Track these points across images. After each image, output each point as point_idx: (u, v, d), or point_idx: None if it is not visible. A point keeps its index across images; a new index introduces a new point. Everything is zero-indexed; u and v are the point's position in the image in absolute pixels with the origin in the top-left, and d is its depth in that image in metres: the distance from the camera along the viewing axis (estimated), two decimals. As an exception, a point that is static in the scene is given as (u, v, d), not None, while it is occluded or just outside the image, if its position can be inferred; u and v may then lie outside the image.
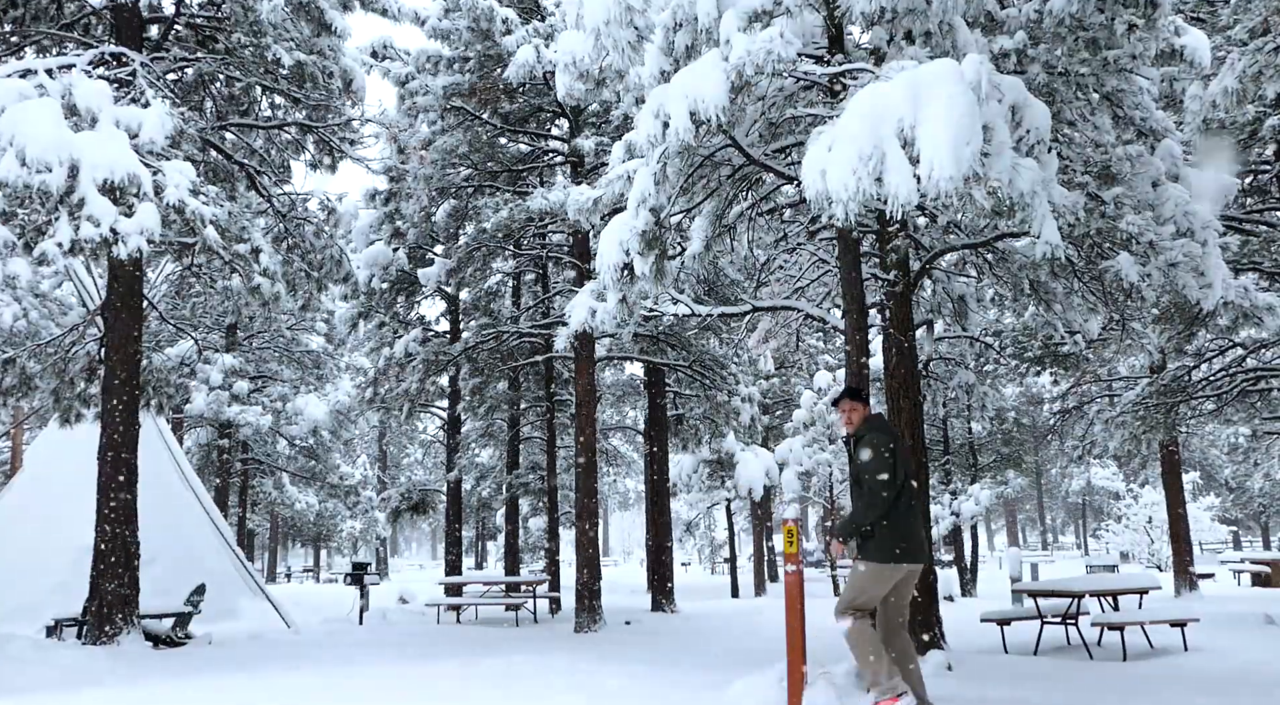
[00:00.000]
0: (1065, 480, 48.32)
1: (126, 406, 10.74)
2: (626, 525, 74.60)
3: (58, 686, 7.80)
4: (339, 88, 12.30)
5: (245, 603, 14.43)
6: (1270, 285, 12.71)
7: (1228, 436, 34.47)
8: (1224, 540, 45.57)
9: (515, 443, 19.47)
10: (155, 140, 9.17)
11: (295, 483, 30.82)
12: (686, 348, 16.69)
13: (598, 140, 13.93)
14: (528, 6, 15.36)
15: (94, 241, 8.49)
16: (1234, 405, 15.23)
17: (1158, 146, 7.92)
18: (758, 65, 5.76)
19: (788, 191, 8.77)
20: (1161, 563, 32.40)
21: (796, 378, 27.10)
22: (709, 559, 43.71)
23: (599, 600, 13.50)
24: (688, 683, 7.35)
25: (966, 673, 7.87)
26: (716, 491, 22.92)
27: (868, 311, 8.60)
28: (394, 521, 21.04)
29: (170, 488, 14.63)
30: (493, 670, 8.24)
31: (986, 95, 5.21)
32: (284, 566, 46.80)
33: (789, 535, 6.00)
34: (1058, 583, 10.71)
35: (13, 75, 9.22)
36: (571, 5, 7.53)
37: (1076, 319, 9.68)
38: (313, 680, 7.76)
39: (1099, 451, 19.80)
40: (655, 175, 6.59)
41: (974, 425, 25.02)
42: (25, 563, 13.24)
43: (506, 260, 18.52)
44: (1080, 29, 6.59)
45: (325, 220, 13.28)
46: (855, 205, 5.21)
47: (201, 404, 24.32)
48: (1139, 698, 6.98)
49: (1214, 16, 11.72)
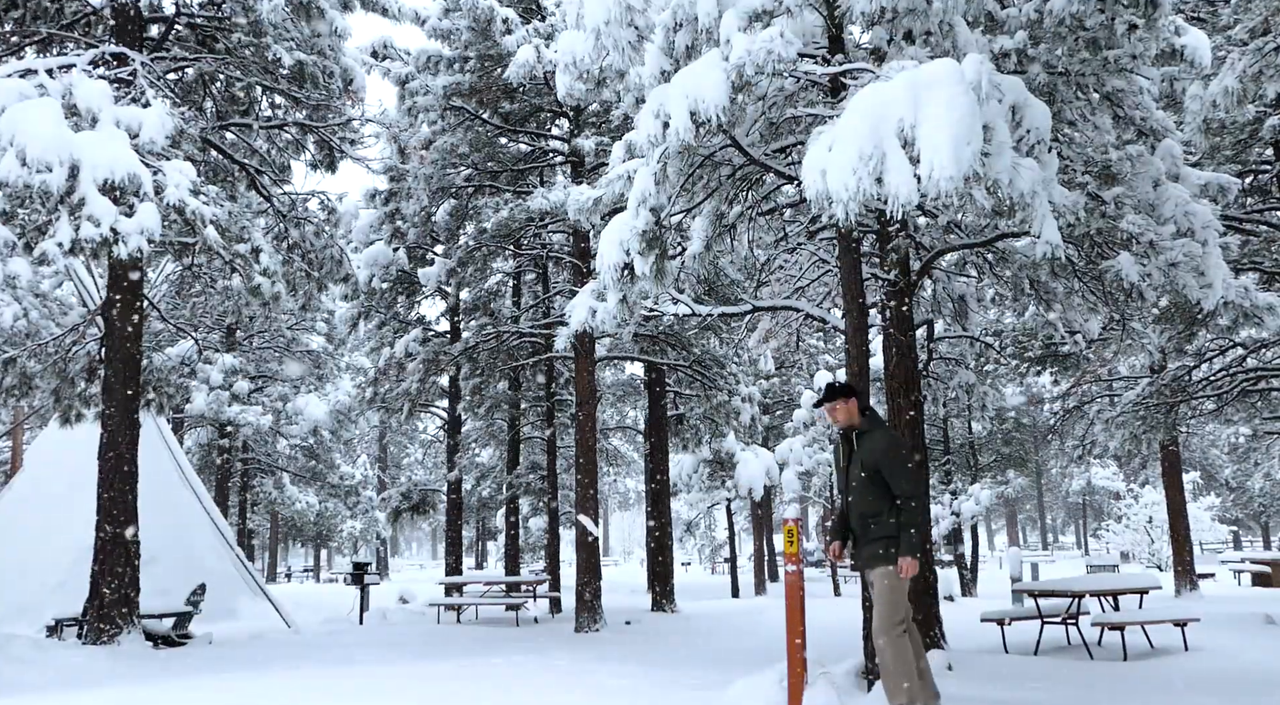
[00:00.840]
0: (1065, 480, 48.33)
1: (126, 406, 10.74)
2: (626, 525, 74.60)
3: (58, 686, 7.80)
4: (339, 88, 12.30)
5: (245, 603, 14.44)
6: (1270, 285, 12.71)
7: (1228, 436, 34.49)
8: (1224, 540, 45.57)
9: (515, 443, 19.47)
10: (155, 140, 9.17)
11: (295, 483, 30.82)
12: (687, 348, 16.69)
13: (598, 140, 13.93)
14: (528, 6, 15.35)
15: (94, 241, 8.49)
16: (1234, 405, 15.23)
17: (1158, 146, 7.91)
18: (758, 65, 5.76)
19: (788, 191, 8.77)
20: (1162, 563, 32.40)
21: (796, 378, 27.09)
22: (709, 559, 43.73)
23: (599, 600, 13.49)
24: (688, 682, 7.36)
25: (967, 673, 7.87)
26: (716, 491, 22.91)
27: (868, 311, 8.59)
28: (394, 521, 21.03)
29: (170, 488, 14.63)
30: (493, 670, 8.24)
31: (987, 95, 5.21)
32: (284, 566, 46.82)
33: (789, 535, 6.00)
34: (1058, 583, 10.71)
35: (13, 75, 9.22)
36: (571, 5, 7.54)
37: (1077, 319, 9.68)
38: (313, 680, 7.76)
39: (1099, 451, 19.80)
40: (655, 175, 6.58)
41: (974, 425, 25.03)
42: (25, 563, 13.24)
43: (507, 260, 18.52)
44: (1081, 29, 6.58)
45: (325, 220, 13.29)
46: (856, 205, 5.21)
47: (201, 404, 24.32)
48: (1139, 698, 6.98)
49: (1214, 16, 11.73)
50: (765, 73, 5.82)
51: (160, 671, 8.67)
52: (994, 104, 5.31)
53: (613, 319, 7.24)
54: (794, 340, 12.13)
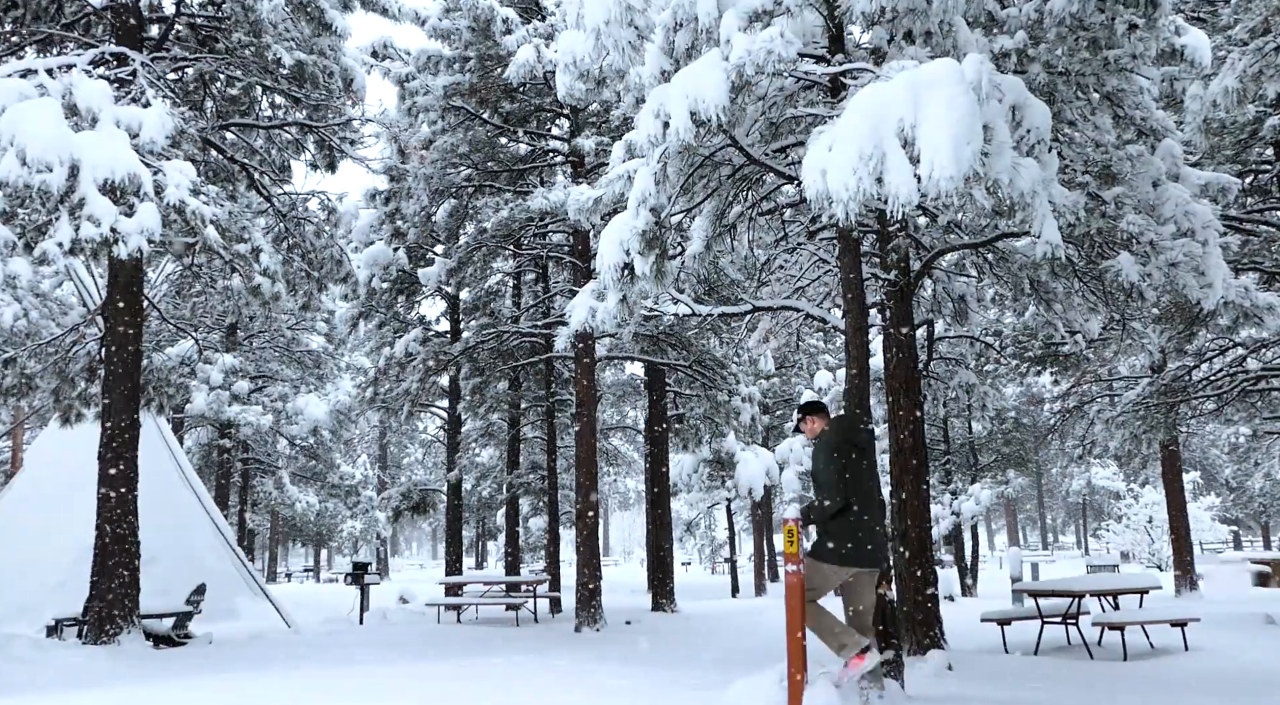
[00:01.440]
0: (1066, 480, 48.32)
1: (127, 406, 10.74)
2: (626, 525, 74.60)
3: (58, 686, 7.80)
4: (339, 87, 12.30)
5: (245, 602, 14.44)
6: (1270, 285, 12.70)
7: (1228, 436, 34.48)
8: (1224, 540, 45.56)
9: (515, 443, 19.46)
10: (155, 140, 9.17)
11: (295, 482, 30.81)
12: (687, 348, 16.69)
13: (598, 140, 13.93)
14: (528, 6, 15.36)
15: (94, 241, 8.49)
16: (1234, 405, 15.22)
17: (1158, 146, 7.91)
18: (758, 65, 5.75)
19: (788, 191, 8.77)
20: (1162, 562, 32.41)
21: (796, 378, 27.10)
22: (709, 559, 43.73)
23: (599, 600, 13.50)
24: (688, 682, 7.35)
25: (967, 672, 7.87)
26: (717, 491, 22.93)
27: (868, 311, 8.59)
28: (394, 521, 21.04)
29: (170, 488, 14.63)
30: (493, 670, 8.24)
31: (987, 95, 5.21)
32: (284, 566, 46.83)
33: (789, 535, 5.99)
34: (1058, 583, 10.71)
35: (13, 75, 9.22)
36: (572, 5, 7.53)
37: (1077, 319, 9.67)
38: (313, 680, 7.75)
39: (1099, 451, 19.79)
40: (656, 175, 6.58)
41: (974, 425, 25.03)
42: (25, 563, 13.25)
43: (507, 260, 18.52)
44: (1081, 29, 6.58)
45: (325, 220, 13.29)
46: (856, 205, 5.20)
47: (202, 404, 24.32)
48: (1139, 697, 6.99)
49: (1214, 16, 11.73)
50: (765, 73, 5.81)
51: (160, 671, 8.67)
52: (994, 104, 5.31)
53: (613, 319, 7.23)
54: (794, 340, 12.12)
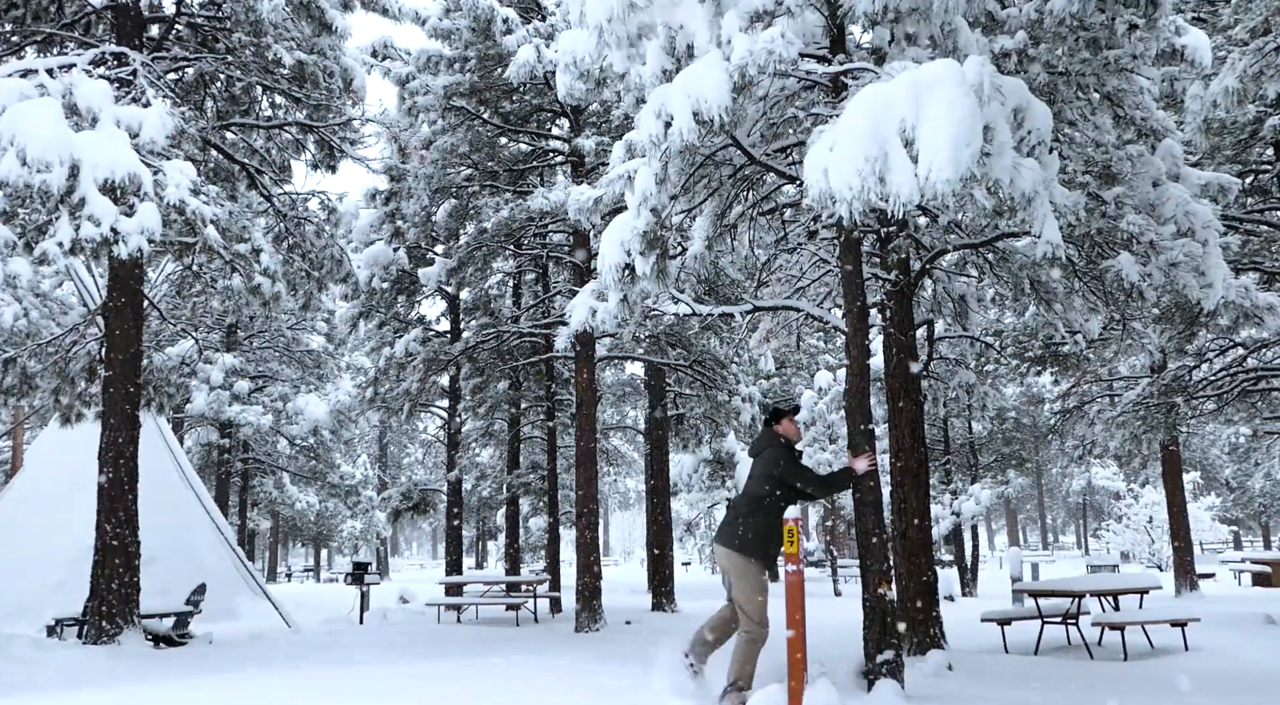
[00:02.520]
0: (1066, 480, 48.35)
1: (127, 406, 10.74)
2: (626, 525, 74.56)
3: (58, 686, 7.79)
4: (339, 87, 12.29)
5: (246, 602, 14.45)
6: (1270, 285, 12.70)
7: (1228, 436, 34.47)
8: (1225, 540, 45.60)
9: (515, 443, 19.46)
10: (156, 140, 9.16)
11: (295, 482, 30.83)
12: (687, 347, 16.68)
13: (598, 140, 13.92)
14: (528, 6, 15.35)
15: (94, 241, 8.49)
16: (1234, 405, 15.23)
17: (1158, 146, 7.91)
18: (760, 65, 5.75)
19: (789, 191, 8.77)
20: (1162, 562, 32.41)
21: (797, 377, 27.10)
22: (710, 559, 43.70)
23: (599, 600, 13.49)
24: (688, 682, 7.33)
25: (967, 672, 7.87)
26: (716, 491, 22.93)
27: (868, 311, 8.58)
28: (394, 521, 21.02)
29: (170, 488, 14.64)
30: (493, 670, 8.24)
31: (988, 97, 5.21)
32: (284, 566, 46.79)
33: (789, 535, 6.00)
34: (1058, 582, 10.71)
35: (13, 75, 9.21)
36: (573, 4, 7.52)
37: (1077, 319, 9.67)
38: (313, 680, 7.76)
39: (1099, 451, 19.78)
40: (656, 175, 6.57)
41: (974, 425, 25.03)
42: (25, 563, 13.25)
43: (507, 260, 18.51)
44: (1081, 29, 6.58)
45: (325, 220, 13.28)
46: (859, 204, 5.20)
47: (202, 404, 24.33)
48: (1139, 698, 6.98)
49: (1215, 16, 11.74)
50: (767, 73, 5.81)
51: (160, 671, 8.66)
52: (995, 105, 5.31)
53: (613, 319, 7.23)
54: (794, 340, 12.11)
